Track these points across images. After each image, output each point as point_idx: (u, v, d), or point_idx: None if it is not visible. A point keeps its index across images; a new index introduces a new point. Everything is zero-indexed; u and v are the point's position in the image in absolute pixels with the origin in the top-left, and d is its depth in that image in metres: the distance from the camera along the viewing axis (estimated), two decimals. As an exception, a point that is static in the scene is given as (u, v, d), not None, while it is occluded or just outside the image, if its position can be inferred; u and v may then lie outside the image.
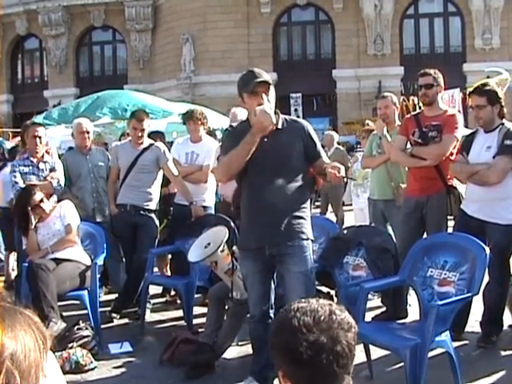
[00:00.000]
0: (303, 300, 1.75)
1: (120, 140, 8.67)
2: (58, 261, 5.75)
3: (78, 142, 7.18)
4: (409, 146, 5.94)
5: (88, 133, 7.10)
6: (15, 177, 6.71)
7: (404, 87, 25.03)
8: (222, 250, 4.72)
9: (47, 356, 1.16)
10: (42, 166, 6.84)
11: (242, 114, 6.73)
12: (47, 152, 8.09)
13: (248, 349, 5.29)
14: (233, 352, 5.22)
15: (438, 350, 4.49)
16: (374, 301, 6.21)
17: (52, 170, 6.86)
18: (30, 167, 6.81)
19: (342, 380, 1.67)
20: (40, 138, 6.85)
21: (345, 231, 5.74)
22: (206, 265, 5.23)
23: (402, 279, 4.79)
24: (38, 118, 11.01)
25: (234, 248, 4.84)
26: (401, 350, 4.12)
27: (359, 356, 4.29)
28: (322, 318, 1.67)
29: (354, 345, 1.67)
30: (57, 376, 1.37)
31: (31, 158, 6.86)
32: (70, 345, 5.18)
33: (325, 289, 5.94)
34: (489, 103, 5.26)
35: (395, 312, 5.63)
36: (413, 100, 13.96)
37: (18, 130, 11.99)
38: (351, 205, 10.72)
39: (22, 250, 6.42)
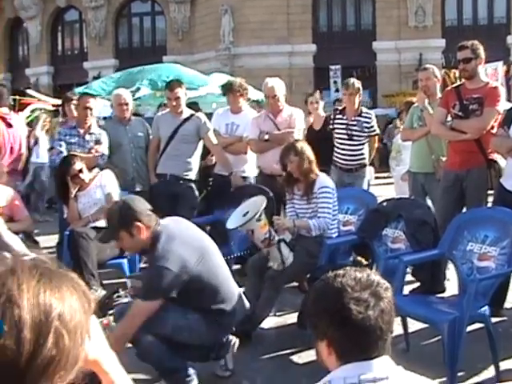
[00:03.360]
0: (340, 269, 1.83)
1: (158, 111, 8.73)
2: (98, 229, 5.82)
3: (117, 113, 7.23)
4: (449, 118, 5.85)
5: (127, 104, 7.13)
6: (60, 146, 6.72)
7: (445, 60, 24.52)
8: (259, 219, 4.69)
9: (91, 319, 1.18)
10: (88, 137, 6.82)
11: (273, 82, 6.72)
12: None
13: (285, 319, 5.35)
14: (270, 322, 5.25)
15: (477, 325, 4.46)
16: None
17: (97, 142, 6.83)
18: (77, 138, 6.78)
19: (387, 338, 1.74)
20: (91, 109, 6.87)
21: (384, 203, 5.69)
22: (244, 234, 5.25)
23: (442, 252, 4.75)
24: (79, 90, 11.11)
25: (274, 218, 4.80)
26: (439, 323, 4.11)
27: (396, 329, 4.28)
28: (362, 278, 1.76)
29: (393, 303, 1.76)
30: (100, 339, 1.40)
31: (78, 129, 6.84)
32: (109, 312, 5.26)
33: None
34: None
35: (433, 286, 5.58)
36: (454, 73, 13.74)
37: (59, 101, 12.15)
38: (390, 177, 10.65)
39: (62, 219, 6.50)
